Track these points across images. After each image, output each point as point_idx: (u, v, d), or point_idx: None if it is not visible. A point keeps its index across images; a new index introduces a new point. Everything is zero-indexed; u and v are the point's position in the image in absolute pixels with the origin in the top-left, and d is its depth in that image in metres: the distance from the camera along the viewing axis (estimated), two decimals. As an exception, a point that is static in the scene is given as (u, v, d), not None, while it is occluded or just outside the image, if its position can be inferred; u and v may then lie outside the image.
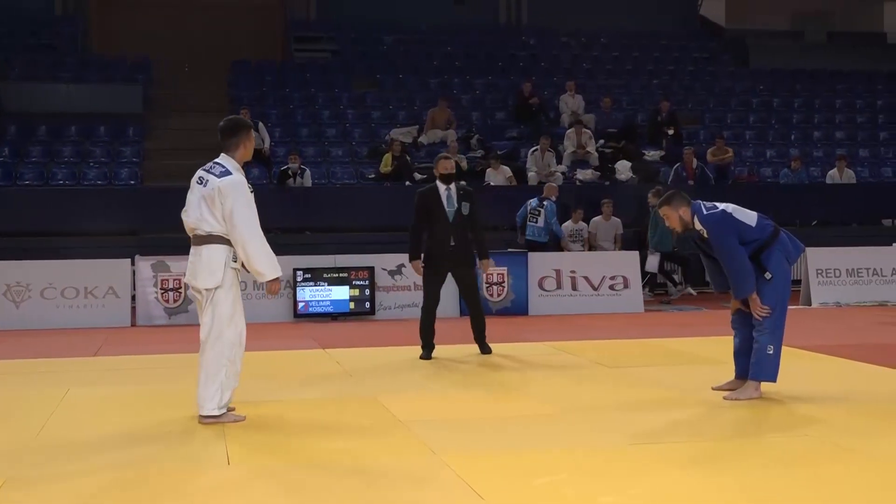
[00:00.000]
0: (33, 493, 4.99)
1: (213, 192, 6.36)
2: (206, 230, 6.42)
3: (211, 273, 6.41)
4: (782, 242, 7.11)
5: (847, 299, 14.49)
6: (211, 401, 6.43)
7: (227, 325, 6.48)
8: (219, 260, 6.42)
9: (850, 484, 4.97)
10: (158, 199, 16.83)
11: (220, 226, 6.39)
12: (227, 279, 6.46)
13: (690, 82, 23.08)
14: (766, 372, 7.01)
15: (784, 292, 7.09)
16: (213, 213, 6.39)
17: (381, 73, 21.95)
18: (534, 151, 18.21)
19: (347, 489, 4.98)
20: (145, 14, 24.65)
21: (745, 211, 7.19)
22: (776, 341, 7.02)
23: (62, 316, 12.61)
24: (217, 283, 6.41)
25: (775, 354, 7.01)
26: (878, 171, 20.27)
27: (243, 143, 6.59)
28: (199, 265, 6.45)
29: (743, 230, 7.04)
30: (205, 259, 6.43)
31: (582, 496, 4.79)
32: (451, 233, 9.34)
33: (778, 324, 7.03)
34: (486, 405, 7.05)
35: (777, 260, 7.04)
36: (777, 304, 7.02)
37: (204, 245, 6.44)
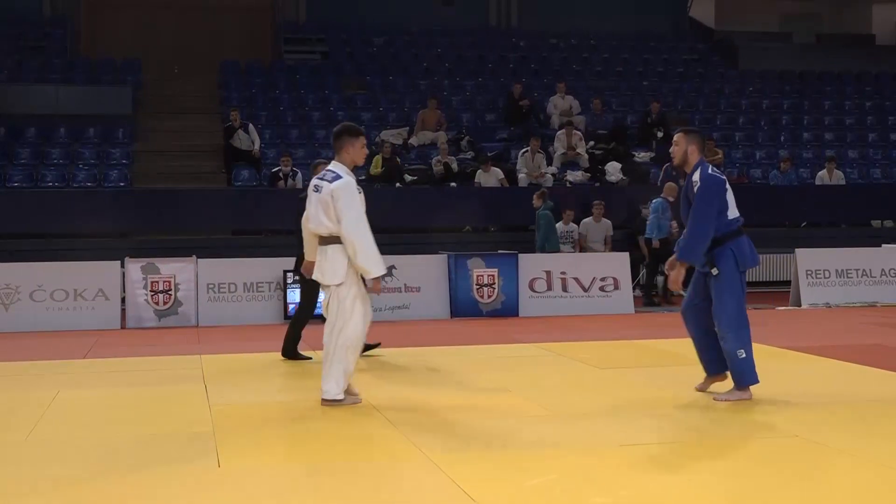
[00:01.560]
0: (24, 494, 4.97)
1: (327, 197, 6.87)
2: (326, 232, 6.94)
3: (334, 271, 6.89)
4: (739, 245, 7.05)
5: (836, 300, 14.53)
6: (336, 386, 6.92)
7: (349, 318, 6.91)
8: (342, 259, 6.87)
9: (839, 484, 4.98)
10: (148, 201, 16.83)
11: (335, 226, 6.87)
12: (350, 276, 6.88)
13: (680, 84, 23.13)
14: (747, 377, 7.00)
15: (741, 293, 7.07)
16: (328, 216, 6.88)
17: (371, 74, 21.94)
18: (524, 153, 18.23)
19: (337, 491, 4.98)
20: (134, 16, 24.59)
21: (733, 198, 7.18)
22: (744, 343, 6.98)
23: (51, 318, 12.55)
24: (340, 279, 6.88)
25: (748, 356, 6.98)
26: (867, 173, 20.34)
27: (346, 148, 7.03)
28: (325, 264, 6.95)
29: (721, 209, 7.05)
30: (329, 258, 6.92)
31: (573, 497, 4.79)
32: None
33: (741, 324, 7.00)
34: (476, 407, 7.05)
35: (727, 261, 7.00)
36: (735, 303, 7.00)
37: (328, 245, 6.94)
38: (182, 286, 12.79)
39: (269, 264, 13.13)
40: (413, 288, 13.36)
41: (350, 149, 7.05)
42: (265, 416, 6.83)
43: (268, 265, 13.12)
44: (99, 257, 13.63)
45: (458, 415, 6.79)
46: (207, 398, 7.51)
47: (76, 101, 19.34)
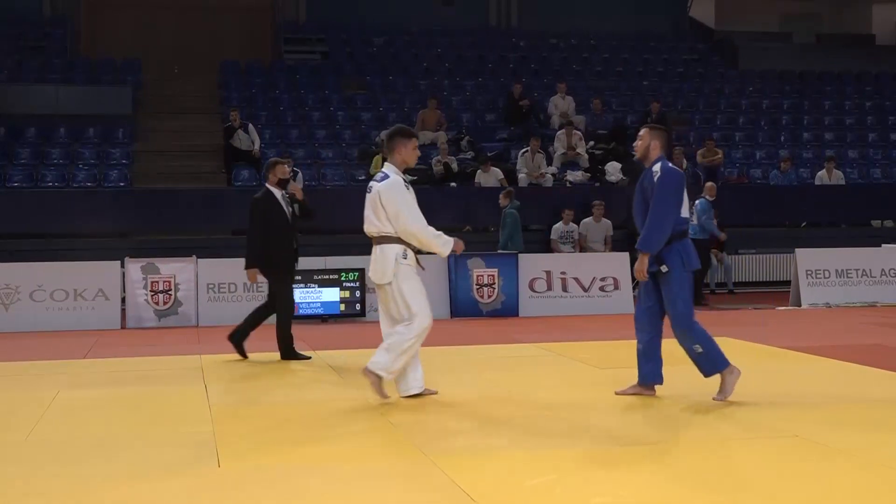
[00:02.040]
0: (24, 494, 4.97)
1: (375, 197, 7.10)
2: (375, 232, 7.15)
3: (384, 270, 7.06)
4: (685, 246, 7.02)
5: (836, 300, 14.53)
6: (383, 364, 7.01)
7: (418, 311, 7.03)
8: (391, 257, 7.04)
9: (840, 484, 4.98)
10: (148, 201, 16.83)
11: (386, 226, 7.07)
12: (401, 273, 7.02)
13: (680, 84, 23.13)
14: (716, 364, 6.96)
15: (687, 289, 7.01)
16: (377, 216, 7.08)
17: (371, 74, 21.94)
18: (524, 153, 18.23)
19: (337, 491, 4.98)
20: (134, 16, 24.60)
21: (686, 199, 7.13)
22: (699, 338, 6.93)
23: (52, 318, 12.56)
24: (390, 278, 7.03)
25: (706, 348, 6.92)
26: (867, 173, 20.34)
27: (398, 149, 7.20)
28: (376, 262, 7.13)
29: (679, 203, 7.01)
30: (379, 256, 7.12)
31: (573, 497, 4.79)
32: (293, 236, 9.45)
33: (690, 323, 6.95)
34: (476, 407, 7.05)
35: (675, 259, 6.94)
36: (684, 300, 6.96)
37: (378, 245, 7.14)
38: (182, 286, 12.79)
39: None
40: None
41: (402, 150, 7.18)
42: (265, 417, 6.83)
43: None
44: (99, 257, 13.64)
45: (458, 414, 6.79)
46: (207, 398, 7.51)
47: (76, 101, 19.35)
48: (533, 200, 17.62)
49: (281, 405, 7.27)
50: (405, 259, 7.06)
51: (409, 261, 7.09)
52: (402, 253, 7.05)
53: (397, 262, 7.01)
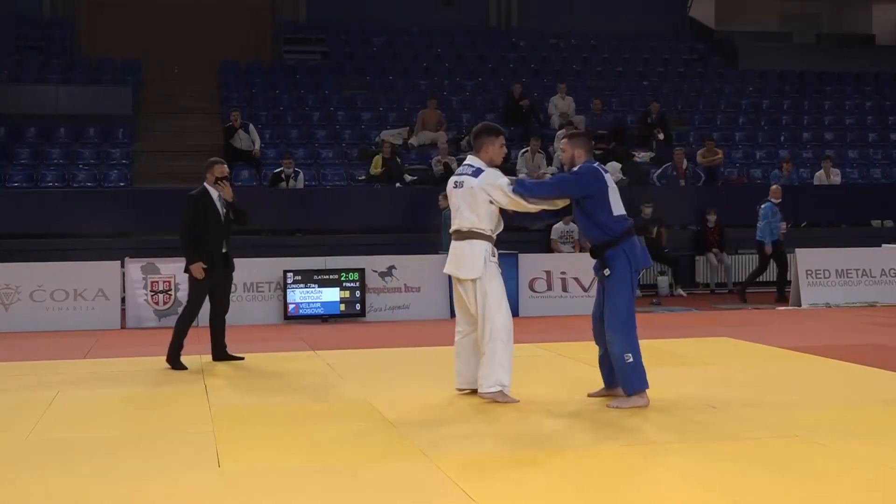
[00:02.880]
0: (24, 494, 4.97)
1: (475, 191, 6.95)
2: (467, 227, 7.00)
3: (473, 265, 6.97)
4: (632, 246, 6.95)
5: (836, 300, 14.53)
6: (488, 379, 6.95)
7: (496, 310, 6.95)
8: (479, 254, 6.97)
9: (840, 484, 4.98)
10: (148, 201, 16.81)
11: (479, 222, 6.97)
12: (488, 271, 6.96)
13: (680, 84, 23.13)
14: (635, 382, 6.82)
15: (631, 296, 6.95)
16: (473, 211, 6.97)
17: (371, 74, 21.94)
18: (524, 153, 18.22)
19: (338, 491, 4.98)
20: (134, 16, 24.60)
21: (619, 199, 7.08)
22: (631, 347, 6.81)
23: (52, 318, 12.57)
24: (478, 274, 6.96)
25: (636, 361, 6.80)
26: (867, 173, 20.34)
27: (486, 147, 7.13)
28: (463, 259, 7.02)
29: (599, 205, 6.94)
30: (467, 253, 7.00)
31: (573, 497, 4.79)
32: (223, 238, 9.32)
33: (628, 327, 6.85)
34: (476, 407, 7.05)
35: (621, 262, 6.87)
36: (625, 306, 6.88)
37: (465, 240, 7.01)
38: (182, 286, 12.74)
39: (269, 264, 13.14)
40: (413, 288, 13.38)
41: (490, 147, 7.12)
42: (265, 417, 6.83)
43: (268, 265, 13.13)
44: (99, 257, 13.65)
45: (459, 415, 6.80)
46: (207, 398, 7.51)
47: (76, 102, 19.33)
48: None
49: (281, 405, 7.26)
50: (494, 258, 7.04)
51: (496, 259, 7.07)
52: (490, 251, 7.01)
53: (486, 259, 6.96)
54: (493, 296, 6.98)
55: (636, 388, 6.84)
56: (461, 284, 7.10)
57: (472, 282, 6.99)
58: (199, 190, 9.42)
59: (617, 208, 7.00)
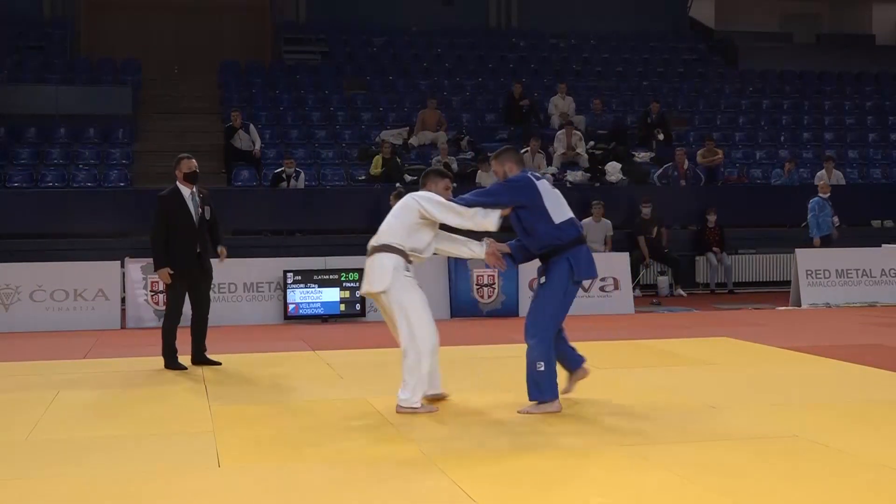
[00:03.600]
0: (24, 495, 4.97)
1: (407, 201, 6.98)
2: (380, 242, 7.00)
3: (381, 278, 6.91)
4: (577, 255, 6.78)
5: (836, 300, 14.53)
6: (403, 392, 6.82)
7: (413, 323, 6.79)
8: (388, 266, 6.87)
9: (840, 485, 4.98)
10: (148, 201, 16.69)
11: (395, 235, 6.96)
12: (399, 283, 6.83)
13: (680, 84, 23.13)
14: (544, 391, 6.67)
15: (559, 304, 6.75)
16: (397, 219, 6.98)
17: (371, 74, 21.95)
18: (524, 153, 18.19)
19: (338, 491, 4.98)
20: (134, 16, 24.59)
21: (563, 206, 6.92)
22: (544, 356, 6.65)
23: (51, 318, 12.56)
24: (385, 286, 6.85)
25: (547, 370, 6.64)
26: (866, 173, 20.33)
27: (428, 187, 7.05)
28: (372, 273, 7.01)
29: (536, 215, 6.76)
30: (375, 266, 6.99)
31: (572, 497, 4.79)
32: (197, 238, 9.04)
33: (545, 336, 6.69)
34: (476, 407, 7.05)
35: (560, 270, 6.73)
36: (550, 314, 6.72)
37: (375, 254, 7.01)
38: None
39: (269, 264, 13.14)
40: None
41: (433, 187, 7.02)
42: (265, 417, 6.83)
43: (268, 265, 13.13)
44: (99, 257, 13.64)
45: (459, 415, 6.79)
46: (207, 398, 7.51)
47: (76, 102, 19.34)
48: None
49: (281, 405, 7.26)
50: (407, 272, 6.87)
51: (412, 274, 6.90)
52: (403, 265, 6.85)
53: (396, 271, 6.80)
54: (410, 308, 6.78)
55: (543, 397, 6.67)
56: (377, 301, 6.97)
57: (385, 294, 6.81)
58: (169, 189, 9.19)
59: (559, 215, 6.81)
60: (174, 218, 9.01)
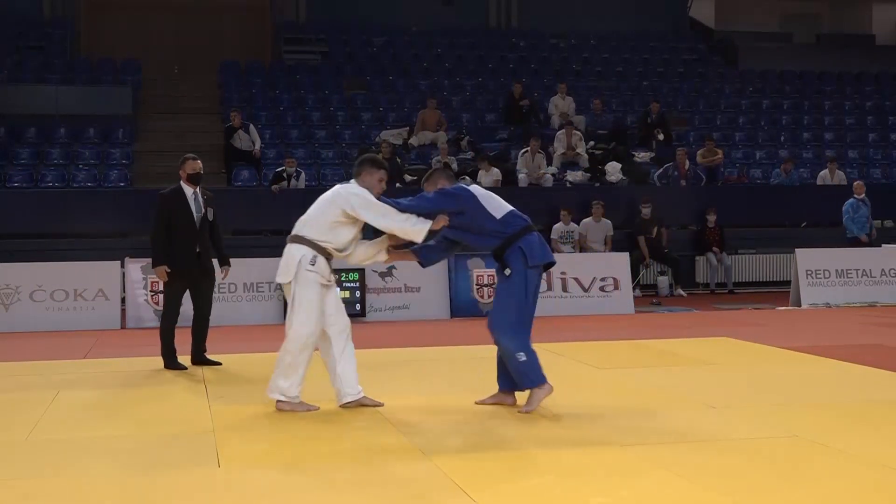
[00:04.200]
0: (24, 495, 4.97)
1: (332, 194, 6.93)
2: (295, 231, 6.97)
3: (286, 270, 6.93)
4: (528, 242, 6.78)
5: (836, 300, 14.53)
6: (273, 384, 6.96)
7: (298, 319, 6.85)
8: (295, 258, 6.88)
9: (840, 485, 4.98)
10: (148, 201, 16.66)
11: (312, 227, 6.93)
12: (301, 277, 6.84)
13: (680, 84, 23.13)
14: (532, 378, 6.69)
15: (521, 293, 6.72)
16: (318, 210, 6.91)
17: (371, 74, 21.95)
18: (524, 153, 18.23)
19: (336, 491, 4.98)
20: (134, 16, 24.59)
21: (501, 203, 6.93)
22: (522, 347, 6.66)
23: (51, 318, 12.56)
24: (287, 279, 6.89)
25: (529, 359, 6.66)
26: (867, 173, 20.32)
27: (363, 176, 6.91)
28: (282, 263, 6.97)
29: (479, 216, 6.77)
30: (285, 257, 6.95)
31: (572, 497, 4.79)
32: (197, 238, 9.05)
33: (518, 329, 6.69)
34: (476, 407, 7.05)
35: (516, 260, 6.73)
36: (514, 304, 6.71)
37: (288, 244, 6.98)
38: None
39: (270, 264, 13.02)
40: (413, 288, 13.38)
41: (367, 177, 6.89)
42: (265, 417, 6.83)
43: (268, 265, 13.05)
44: (99, 257, 13.63)
45: (458, 415, 6.79)
46: (207, 398, 7.51)
47: (76, 102, 19.35)
48: (533, 200, 17.62)
49: (281, 405, 7.26)
50: (312, 266, 6.78)
51: (315, 269, 6.79)
52: (310, 258, 6.79)
53: (301, 265, 6.76)
54: (300, 304, 6.77)
55: (535, 383, 6.70)
56: (285, 290, 6.97)
57: (288, 286, 6.82)
58: (171, 188, 9.20)
59: (499, 211, 6.83)
60: (175, 217, 9.00)
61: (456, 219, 6.81)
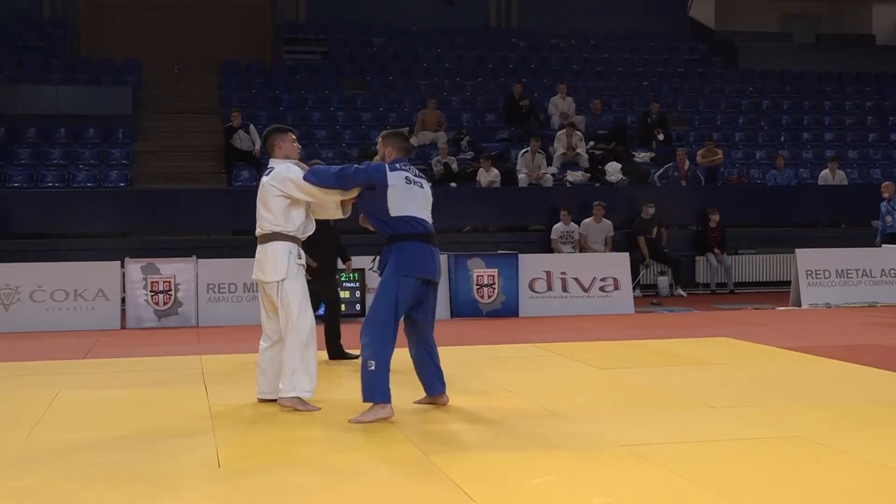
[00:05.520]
0: (23, 495, 4.97)
1: (265, 187, 6.88)
2: (267, 228, 6.92)
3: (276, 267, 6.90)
4: (404, 250, 6.57)
5: (836, 300, 14.53)
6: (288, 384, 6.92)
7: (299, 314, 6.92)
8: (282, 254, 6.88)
9: (840, 485, 4.98)
10: (148, 201, 16.82)
11: (277, 220, 6.88)
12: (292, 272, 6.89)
13: (680, 84, 23.12)
14: (374, 393, 6.46)
15: (390, 301, 6.53)
16: (268, 209, 6.89)
17: (371, 74, 21.94)
18: (524, 153, 18.23)
19: (337, 492, 4.98)
20: (134, 16, 24.61)
21: (410, 202, 6.67)
22: (376, 355, 6.44)
23: (51, 319, 12.56)
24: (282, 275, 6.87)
25: (378, 370, 6.42)
26: (867, 173, 20.33)
27: (277, 145, 7.00)
28: (265, 261, 6.93)
29: (378, 202, 6.63)
30: (269, 255, 6.90)
31: (572, 498, 4.80)
32: (337, 237, 9.45)
33: (376, 336, 6.49)
34: (476, 407, 7.05)
35: (390, 268, 6.59)
36: (381, 312, 6.55)
37: (267, 242, 6.91)
38: (182, 286, 12.79)
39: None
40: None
41: (281, 144, 6.98)
42: (265, 417, 6.83)
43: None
44: (99, 257, 13.62)
45: (459, 415, 6.79)
46: (207, 398, 7.51)
47: (76, 102, 19.34)
48: (533, 200, 17.64)
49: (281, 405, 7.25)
50: (299, 259, 6.89)
51: (302, 261, 6.92)
52: (296, 252, 6.88)
53: (290, 260, 6.83)
54: (296, 298, 6.82)
55: (375, 399, 6.46)
56: (266, 288, 6.94)
57: (277, 284, 6.82)
58: None
59: (399, 210, 6.60)
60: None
61: (362, 195, 6.76)
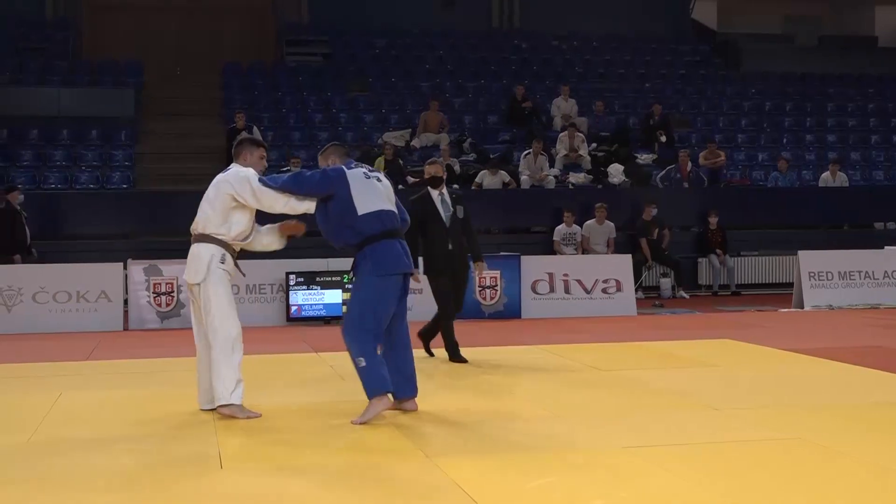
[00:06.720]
0: (25, 495, 4.97)
1: (218, 184, 6.82)
2: (199, 229, 6.84)
3: (196, 269, 6.81)
4: (376, 250, 6.61)
5: (839, 302, 14.52)
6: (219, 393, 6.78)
7: (220, 319, 6.76)
8: (205, 257, 6.79)
9: (840, 486, 4.98)
10: (150, 203, 16.83)
11: (212, 221, 6.80)
12: (213, 276, 6.78)
13: (682, 86, 23.12)
14: (373, 385, 6.48)
15: (371, 299, 6.57)
16: (211, 207, 6.80)
17: (374, 76, 21.95)
18: (526, 155, 18.24)
19: (338, 491, 4.98)
20: (137, 17, 24.61)
21: (374, 198, 6.71)
22: (364, 353, 6.47)
23: (54, 320, 12.57)
24: (199, 279, 6.78)
25: (369, 365, 6.46)
26: (869, 175, 20.33)
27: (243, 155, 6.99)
28: (190, 262, 6.83)
29: (344, 206, 6.63)
30: (194, 256, 6.82)
31: (573, 498, 4.80)
32: (448, 237, 9.24)
33: (359, 334, 6.52)
34: (478, 408, 7.05)
35: (364, 265, 6.61)
36: (359, 311, 6.58)
37: (196, 243, 6.83)
38: (184, 288, 12.77)
39: (272, 266, 13.11)
40: (415, 289, 13.32)
41: (248, 156, 6.97)
42: (267, 418, 6.82)
43: (270, 267, 13.10)
44: (101, 259, 13.64)
45: (459, 415, 6.79)
46: (209, 400, 7.50)
47: (78, 103, 19.35)
48: (535, 202, 17.64)
49: (283, 406, 7.26)
50: (222, 264, 6.78)
51: (226, 266, 6.80)
52: (220, 256, 6.78)
53: (212, 264, 6.73)
54: (218, 303, 6.70)
55: (374, 392, 6.48)
56: (191, 291, 6.89)
57: (199, 287, 6.74)
58: (419, 194, 9.45)
59: (365, 207, 6.63)
60: (426, 220, 9.19)
61: (324, 203, 6.71)
